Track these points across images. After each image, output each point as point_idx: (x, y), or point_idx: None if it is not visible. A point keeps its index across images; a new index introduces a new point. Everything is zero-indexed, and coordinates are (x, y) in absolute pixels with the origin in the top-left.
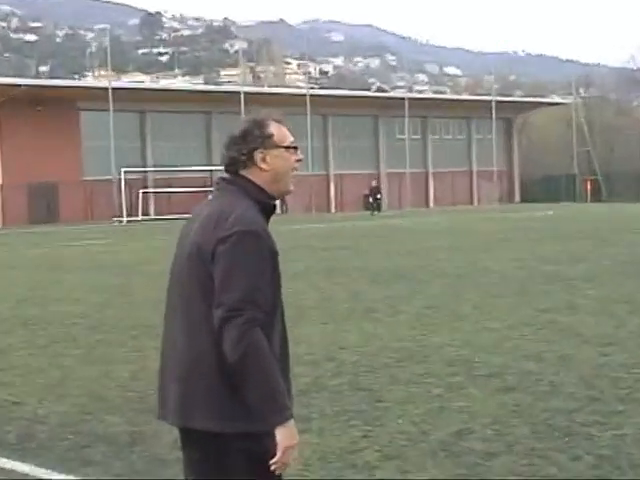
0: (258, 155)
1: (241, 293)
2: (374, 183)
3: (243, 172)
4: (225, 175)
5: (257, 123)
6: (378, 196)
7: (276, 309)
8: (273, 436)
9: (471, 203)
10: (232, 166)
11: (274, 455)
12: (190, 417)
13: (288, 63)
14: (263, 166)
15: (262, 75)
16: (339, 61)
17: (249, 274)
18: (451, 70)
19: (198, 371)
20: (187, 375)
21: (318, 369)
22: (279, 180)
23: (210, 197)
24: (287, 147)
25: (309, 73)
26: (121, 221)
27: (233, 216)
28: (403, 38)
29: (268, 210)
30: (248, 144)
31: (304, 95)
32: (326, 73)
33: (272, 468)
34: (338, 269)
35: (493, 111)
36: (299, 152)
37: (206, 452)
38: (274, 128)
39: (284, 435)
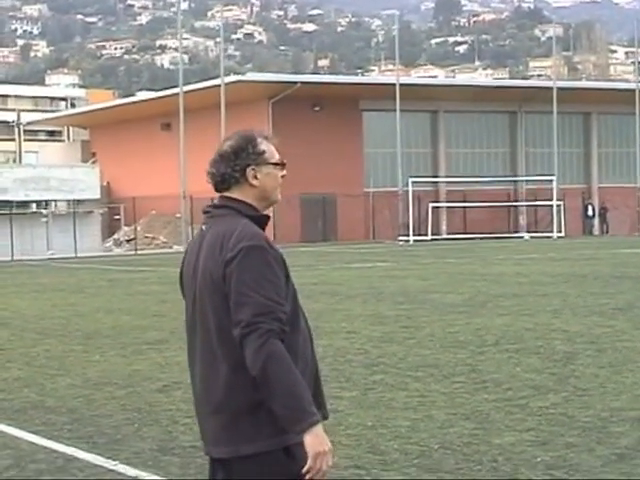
0: (250, 172)
1: (255, 308)
2: None
3: (234, 189)
4: (214, 202)
5: (248, 140)
6: None
7: (297, 315)
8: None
9: None
10: (223, 184)
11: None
12: (235, 445)
13: (613, 51)
14: (254, 183)
15: (580, 67)
16: None
17: (260, 287)
18: None
19: (231, 401)
20: (221, 407)
21: None
22: (267, 197)
23: (203, 227)
24: (276, 164)
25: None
26: (407, 240)
27: (235, 235)
28: None
29: (263, 223)
30: (241, 160)
31: (633, 90)
32: None
33: (307, 477)
34: None
35: None
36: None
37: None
38: (264, 145)
39: (312, 441)
